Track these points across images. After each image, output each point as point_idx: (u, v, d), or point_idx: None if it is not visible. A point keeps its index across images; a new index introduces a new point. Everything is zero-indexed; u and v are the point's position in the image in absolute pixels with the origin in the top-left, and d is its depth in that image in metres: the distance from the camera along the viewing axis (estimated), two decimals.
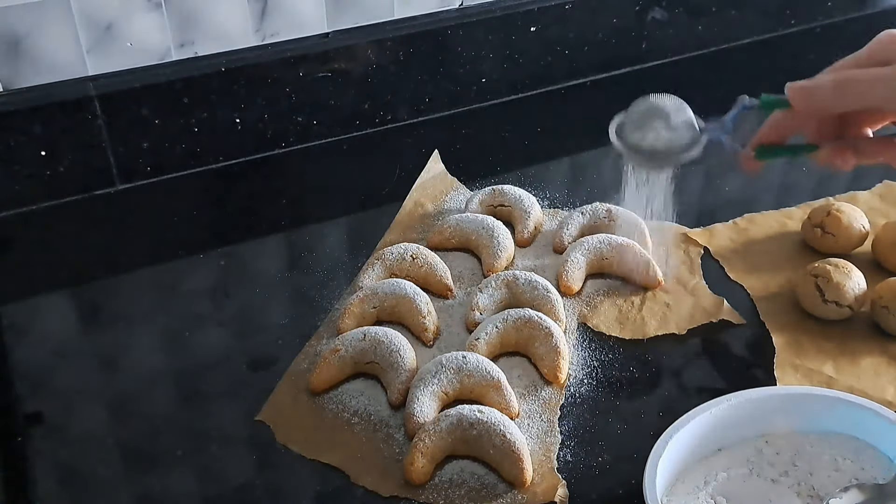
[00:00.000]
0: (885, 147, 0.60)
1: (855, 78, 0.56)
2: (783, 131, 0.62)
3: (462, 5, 1.03)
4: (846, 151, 0.60)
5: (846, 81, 0.56)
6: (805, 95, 0.57)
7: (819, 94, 0.56)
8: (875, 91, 0.55)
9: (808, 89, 0.57)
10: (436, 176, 0.94)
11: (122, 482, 0.63)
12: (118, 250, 0.86)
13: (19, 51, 0.85)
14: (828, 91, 0.56)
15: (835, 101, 0.56)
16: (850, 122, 0.61)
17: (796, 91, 0.57)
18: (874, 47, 0.57)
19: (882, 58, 0.56)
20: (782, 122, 0.61)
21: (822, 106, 0.57)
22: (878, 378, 0.69)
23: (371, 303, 0.73)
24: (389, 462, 0.63)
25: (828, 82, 0.56)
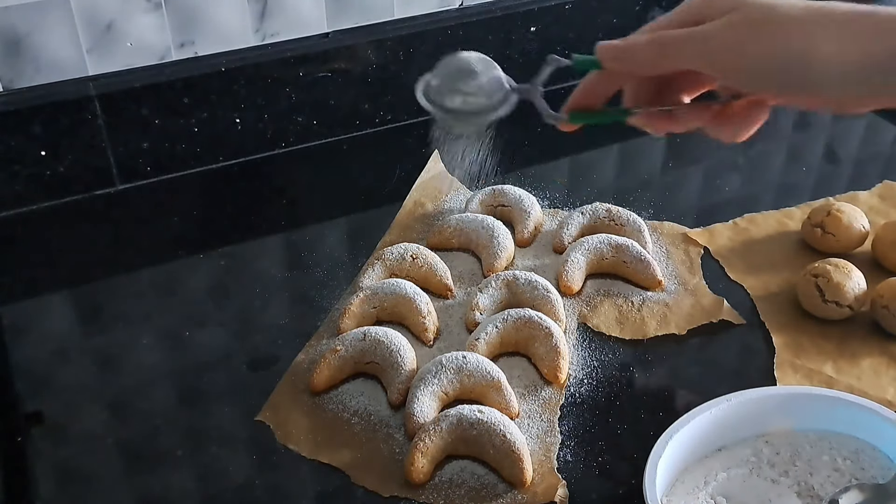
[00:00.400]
0: (699, 113, 0.58)
1: (667, 37, 0.53)
2: (597, 94, 0.59)
3: (462, 5, 1.03)
4: (660, 116, 0.58)
5: (659, 41, 0.53)
6: (617, 56, 0.55)
7: (631, 55, 0.54)
8: (687, 50, 0.52)
9: (620, 49, 0.54)
10: (436, 176, 0.94)
11: (122, 482, 0.63)
12: (118, 250, 0.86)
13: (19, 51, 0.85)
14: (640, 51, 0.54)
15: (647, 61, 0.54)
16: (668, 89, 0.59)
17: (608, 51, 0.55)
18: (686, 5, 0.54)
19: (695, 17, 0.53)
20: (597, 85, 0.58)
21: (635, 66, 0.55)
22: (878, 378, 0.69)
23: (371, 303, 0.73)
24: (389, 462, 0.63)
25: (640, 42, 0.54)
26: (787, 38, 0.50)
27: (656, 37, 0.54)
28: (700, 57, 0.52)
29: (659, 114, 0.58)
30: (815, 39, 0.49)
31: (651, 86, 0.59)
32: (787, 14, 0.50)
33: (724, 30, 0.51)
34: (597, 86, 0.58)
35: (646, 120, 0.59)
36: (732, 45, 0.51)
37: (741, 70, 0.52)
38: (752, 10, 0.51)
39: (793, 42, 0.50)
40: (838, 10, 0.50)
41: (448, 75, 0.58)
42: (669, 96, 0.59)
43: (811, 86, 0.51)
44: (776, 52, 0.50)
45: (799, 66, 0.50)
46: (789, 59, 0.50)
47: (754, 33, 0.50)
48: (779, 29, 0.50)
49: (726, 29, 0.51)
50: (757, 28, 0.50)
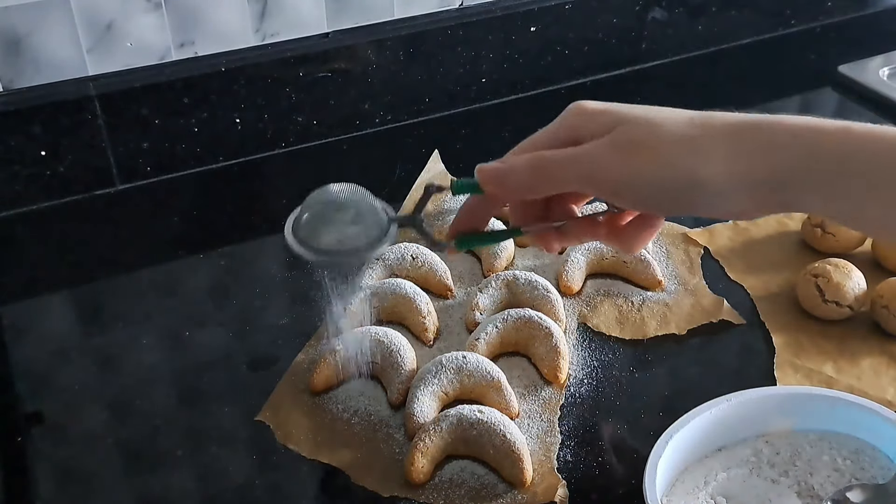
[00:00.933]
0: (590, 228, 0.55)
1: (547, 160, 0.50)
2: (480, 217, 0.55)
3: (462, 5, 1.03)
4: (549, 235, 0.55)
5: (539, 164, 0.50)
6: (497, 180, 0.51)
7: (512, 179, 0.51)
8: (570, 173, 0.49)
9: (500, 173, 0.51)
10: (436, 176, 0.94)
11: (122, 482, 0.63)
12: (118, 250, 0.86)
13: (19, 51, 0.85)
14: (521, 175, 0.50)
15: (529, 186, 0.51)
16: (555, 202, 0.55)
17: (487, 175, 0.51)
18: (564, 122, 0.52)
19: (574, 134, 0.50)
20: (479, 207, 0.55)
21: (516, 191, 0.51)
22: (878, 378, 0.69)
23: (371, 303, 0.73)
24: (389, 462, 0.63)
25: (520, 165, 0.50)
26: (674, 161, 0.48)
27: (536, 159, 0.50)
28: (583, 180, 0.50)
29: (548, 231, 0.55)
30: (701, 159, 0.47)
31: (536, 202, 0.55)
32: (672, 133, 0.48)
33: (607, 151, 0.49)
34: (479, 208, 0.55)
35: (538, 239, 0.56)
36: (617, 168, 0.48)
37: (628, 194, 0.49)
38: (635, 130, 0.49)
39: (679, 164, 0.47)
40: (723, 125, 0.48)
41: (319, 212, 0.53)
42: (557, 209, 0.56)
43: (700, 205, 0.49)
44: (663, 175, 0.48)
45: (687, 188, 0.48)
46: (677, 181, 0.48)
47: (639, 156, 0.48)
48: (664, 150, 0.48)
49: (609, 151, 0.49)
50: (641, 150, 0.48)
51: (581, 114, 0.51)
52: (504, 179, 0.51)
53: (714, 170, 0.47)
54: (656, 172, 0.48)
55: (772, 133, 0.47)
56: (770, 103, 1.10)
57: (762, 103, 1.09)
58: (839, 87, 1.11)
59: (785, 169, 0.46)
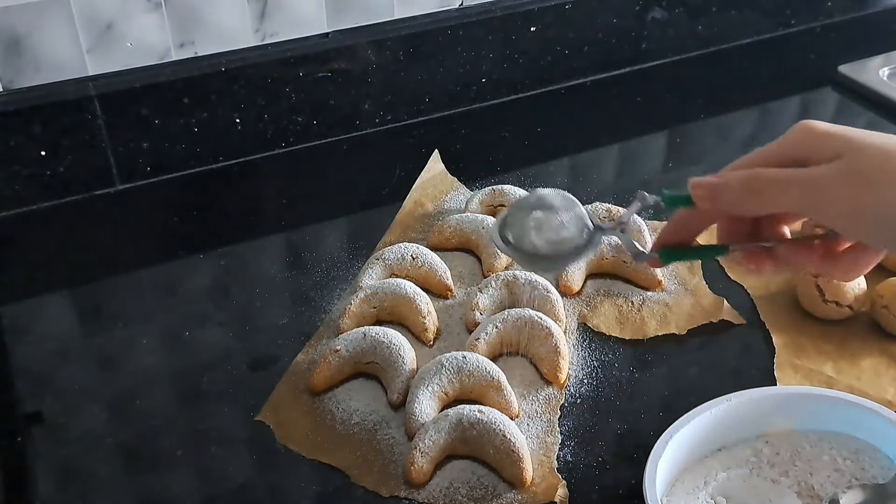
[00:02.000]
0: (804, 252, 0.52)
1: (767, 178, 0.48)
2: (689, 231, 0.54)
3: (462, 5, 1.03)
4: (760, 256, 0.53)
5: (757, 182, 0.48)
6: (710, 195, 0.49)
7: (726, 195, 0.49)
8: (790, 195, 0.47)
9: (714, 188, 0.49)
10: (436, 176, 0.94)
11: (122, 482, 0.63)
12: (118, 250, 0.86)
13: (19, 51, 0.85)
14: (736, 192, 0.48)
15: (743, 203, 0.48)
16: (765, 221, 0.53)
17: (701, 189, 0.49)
18: (789, 141, 0.49)
19: (798, 154, 0.48)
20: (688, 221, 0.53)
21: (730, 208, 0.49)
22: (878, 378, 0.69)
23: (371, 303, 0.73)
24: (389, 462, 0.63)
25: (736, 182, 0.48)
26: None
27: (753, 177, 0.48)
28: (805, 205, 0.47)
29: (759, 251, 0.53)
30: None
31: (746, 221, 0.53)
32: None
33: (835, 179, 0.46)
34: (688, 222, 0.53)
35: (746, 258, 0.53)
36: (846, 198, 0.45)
37: (855, 226, 0.47)
38: (867, 160, 0.46)
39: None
40: None
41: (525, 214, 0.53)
42: (767, 228, 0.53)
43: None
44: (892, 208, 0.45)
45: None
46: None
47: (868, 186, 0.45)
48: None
49: (839, 179, 0.46)
50: (874, 184, 0.45)
51: (809, 134, 0.48)
52: (718, 195, 0.49)
53: None
54: (884, 209, 0.45)
55: None
56: (770, 103, 1.10)
57: (762, 103, 1.09)
58: (839, 87, 1.11)
59: None
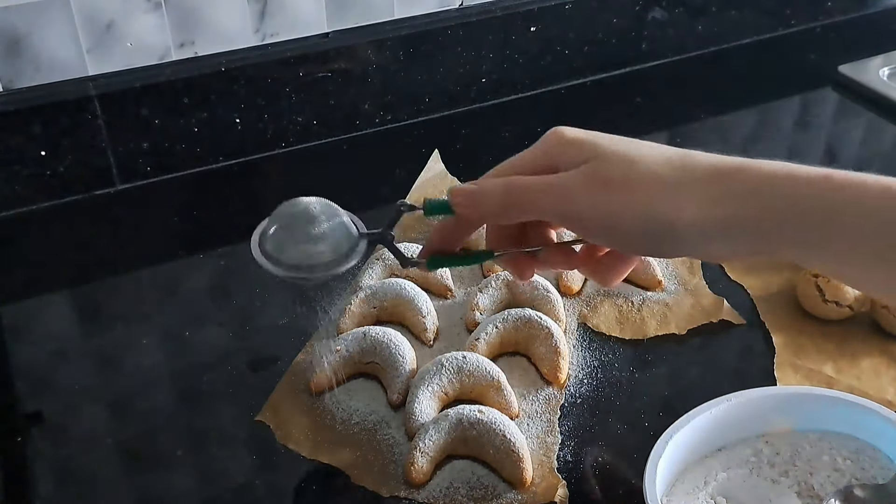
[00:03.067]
0: (566, 257, 0.54)
1: (521, 186, 0.49)
2: (453, 238, 0.54)
3: (462, 5, 1.03)
4: (522, 260, 0.54)
5: (510, 190, 0.49)
6: (469, 203, 0.50)
7: (484, 203, 0.49)
8: (540, 203, 0.48)
9: (473, 196, 0.50)
10: (436, 176, 0.94)
11: (122, 482, 0.63)
12: (118, 250, 0.86)
13: (19, 51, 0.85)
14: (492, 199, 0.49)
15: (499, 211, 0.49)
16: (531, 227, 0.54)
17: (460, 197, 0.50)
18: (541, 147, 0.50)
19: (549, 161, 0.49)
20: (452, 229, 0.54)
21: (488, 215, 0.50)
22: (878, 378, 0.69)
23: (371, 303, 0.73)
24: (389, 462, 0.63)
25: (492, 190, 0.49)
26: (650, 202, 0.46)
27: (507, 185, 0.49)
28: (554, 212, 0.49)
29: (523, 256, 0.54)
30: (678, 202, 0.45)
31: (512, 226, 0.54)
32: (648, 172, 0.46)
33: (580, 185, 0.47)
34: (453, 230, 0.54)
35: (510, 264, 0.55)
36: (584, 203, 0.47)
37: (594, 230, 0.48)
38: (611, 167, 0.47)
39: (654, 208, 0.46)
40: (702, 167, 0.47)
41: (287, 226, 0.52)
42: (534, 235, 0.54)
43: (673, 247, 0.47)
44: (637, 215, 0.46)
45: (661, 230, 0.46)
46: (650, 222, 0.46)
47: (609, 193, 0.46)
48: (636, 191, 0.46)
49: (583, 184, 0.47)
50: (612, 187, 0.46)
51: (559, 142, 0.50)
52: (475, 202, 0.50)
53: (690, 216, 0.45)
54: (630, 216, 0.46)
55: (751, 180, 0.45)
56: (770, 103, 1.10)
57: (762, 103, 1.09)
58: (839, 87, 1.11)
59: (763, 218, 0.45)
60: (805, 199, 0.44)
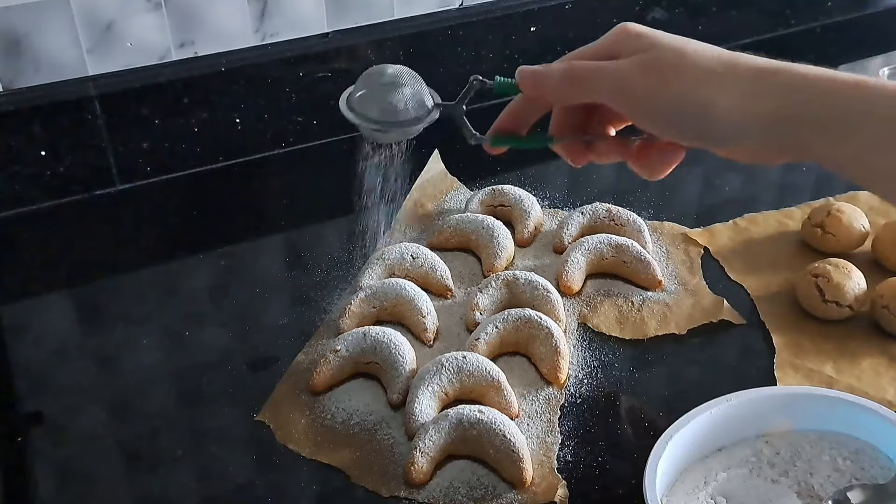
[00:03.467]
0: (619, 148, 0.58)
1: (578, 68, 0.54)
2: (521, 119, 0.59)
3: (462, 5, 1.03)
4: (579, 148, 0.59)
5: (570, 72, 0.54)
6: (534, 82, 0.55)
7: (547, 82, 0.55)
8: (595, 84, 0.53)
9: (537, 76, 0.55)
10: (436, 176, 0.94)
11: (122, 482, 0.63)
12: (118, 250, 0.86)
13: (19, 51, 0.85)
14: (555, 80, 0.54)
15: (561, 90, 0.54)
16: (594, 119, 0.59)
17: (526, 77, 0.56)
18: (607, 39, 0.55)
19: (611, 51, 0.54)
20: (520, 109, 0.59)
21: (550, 94, 0.56)
22: (878, 378, 0.69)
23: (371, 303, 0.73)
24: (389, 462, 0.63)
25: (556, 71, 0.54)
26: (690, 88, 0.50)
27: (569, 67, 0.54)
28: (606, 92, 0.53)
29: (580, 144, 0.59)
30: (716, 92, 0.50)
31: (576, 115, 0.59)
32: (695, 63, 0.50)
33: (631, 69, 0.52)
34: (521, 111, 0.59)
35: (567, 150, 0.59)
36: (637, 85, 0.51)
37: (643, 111, 0.52)
38: (663, 54, 0.51)
39: (694, 92, 0.50)
40: (746, 65, 0.50)
41: (374, 87, 0.59)
42: (595, 127, 0.59)
43: (708, 136, 0.51)
44: (676, 99, 0.50)
45: (698, 117, 0.50)
46: (688, 108, 0.50)
47: (659, 78, 0.51)
48: (683, 77, 0.50)
49: (634, 69, 0.51)
50: (663, 73, 0.51)
51: (623, 33, 0.54)
52: (540, 81, 0.55)
53: (729, 104, 0.49)
54: (671, 97, 0.50)
55: (789, 78, 0.49)
56: None
57: None
58: None
59: (797, 113, 0.48)
60: (838, 97, 0.48)
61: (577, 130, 0.59)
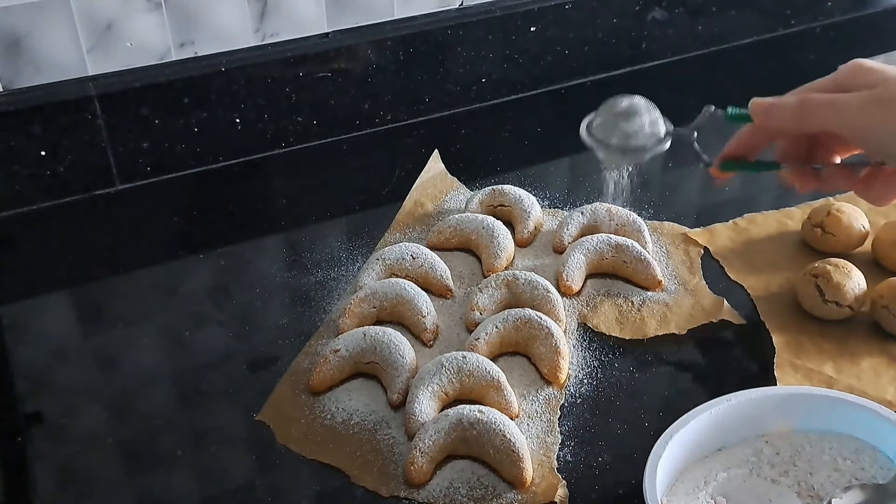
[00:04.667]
0: (846, 176, 0.61)
1: (810, 100, 0.57)
2: (749, 146, 0.63)
3: (462, 5, 1.03)
4: (807, 174, 0.62)
5: (805, 103, 0.57)
6: (766, 112, 0.59)
7: (779, 113, 0.58)
8: (825, 115, 0.56)
9: (770, 107, 0.58)
10: (436, 176, 0.94)
11: (122, 482, 0.63)
12: (118, 250, 0.86)
13: (19, 51, 0.85)
14: (788, 111, 0.58)
15: (793, 121, 0.58)
16: (821, 148, 0.62)
17: (759, 107, 0.59)
18: (841, 73, 0.59)
19: (843, 85, 0.57)
20: (749, 137, 0.62)
21: (782, 125, 0.59)
22: (878, 378, 0.69)
23: (371, 303, 0.73)
24: (389, 462, 0.63)
25: (789, 102, 0.58)
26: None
27: (803, 100, 0.57)
28: (836, 124, 0.56)
29: (807, 171, 0.62)
30: None
31: (802, 143, 0.63)
32: None
33: (864, 101, 0.55)
34: (750, 139, 0.62)
35: (795, 176, 0.63)
36: (869, 117, 0.55)
37: (874, 142, 0.56)
38: (890, 88, 0.54)
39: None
40: None
41: (612, 114, 0.63)
42: (820, 155, 0.62)
43: None
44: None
45: None
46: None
47: (886, 110, 0.54)
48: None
49: (867, 101, 0.55)
50: (890, 106, 0.54)
51: (854, 68, 0.58)
52: (774, 113, 0.58)
53: None
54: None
55: None
56: None
57: None
58: None
59: None
60: None
61: (802, 158, 0.63)
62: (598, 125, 0.64)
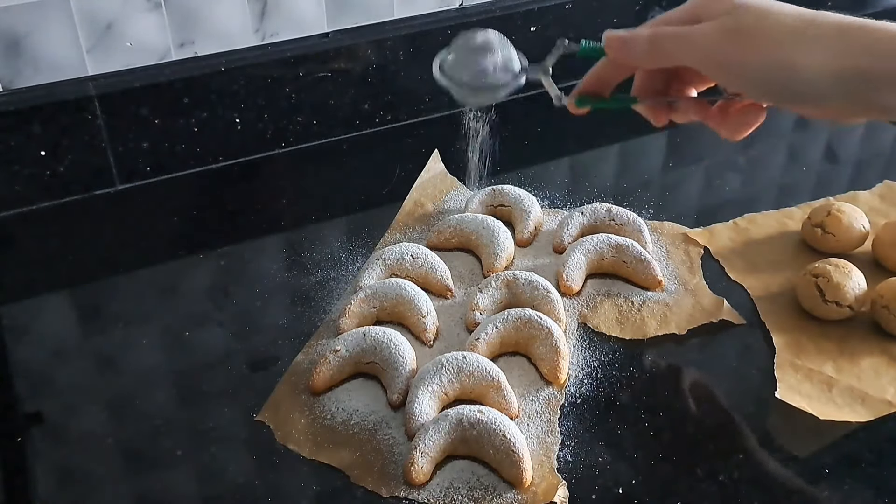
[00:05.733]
0: (700, 108, 0.60)
1: (662, 34, 0.56)
2: (605, 81, 0.62)
3: (462, 5, 1.03)
4: (663, 107, 0.61)
5: (654, 37, 0.56)
6: (619, 47, 0.57)
7: (632, 47, 0.57)
8: (679, 48, 0.55)
9: (623, 41, 0.57)
10: (436, 176, 0.94)
11: (122, 482, 0.63)
12: (118, 250, 0.86)
13: (19, 51, 0.85)
14: (641, 45, 0.56)
15: (644, 55, 0.56)
16: (675, 82, 0.61)
17: (612, 41, 0.58)
18: (689, 4, 0.56)
19: (694, 16, 0.55)
20: (605, 72, 0.61)
21: (635, 59, 0.57)
22: (878, 378, 0.69)
23: (371, 303, 0.73)
24: (389, 462, 0.63)
25: (642, 37, 0.56)
26: (773, 48, 0.51)
27: (654, 33, 0.56)
28: (690, 56, 0.55)
29: (662, 105, 0.61)
30: (800, 51, 0.51)
31: (659, 77, 0.61)
32: (777, 23, 0.52)
33: (714, 33, 0.53)
34: (605, 73, 0.61)
35: (649, 110, 0.62)
36: (719, 48, 0.53)
37: (726, 73, 0.54)
38: (744, 16, 0.52)
39: (778, 52, 0.51)
40: (829, 23, 0.51)
41: (465, 50, 0.61)
42: (676, 89, 0.61)
43: (793, 95, 0.52)
44: (760, 60, 0.52)
45: (782, 76, 0.51)
46: (772, 68, 0.51)
47: (741, 40, 0.52)
48: (766, 38, 0.51)
49: (716, 32, 0.53)
50: (745, 35, 0.52)
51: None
52: (626, 47, 0.57)
53: (812, 61, 0.50)
54: (754, 58, 0.52)
55: (874, 36, 0.50)
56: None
57: None
58: None
59: (881, 69, 0.49)
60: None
61: (659, 92, 0.61)
62: (451, 63, 0.62)
